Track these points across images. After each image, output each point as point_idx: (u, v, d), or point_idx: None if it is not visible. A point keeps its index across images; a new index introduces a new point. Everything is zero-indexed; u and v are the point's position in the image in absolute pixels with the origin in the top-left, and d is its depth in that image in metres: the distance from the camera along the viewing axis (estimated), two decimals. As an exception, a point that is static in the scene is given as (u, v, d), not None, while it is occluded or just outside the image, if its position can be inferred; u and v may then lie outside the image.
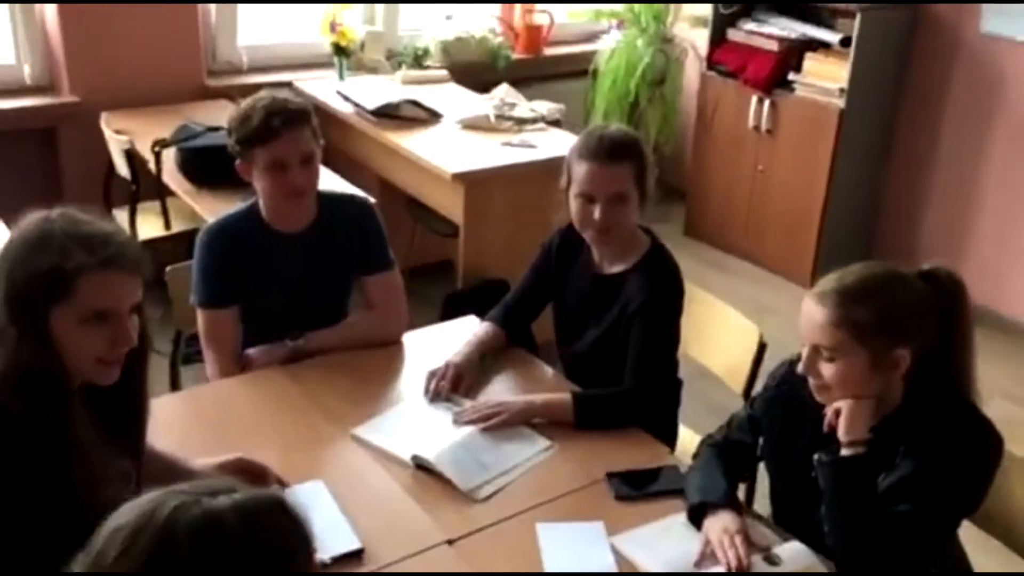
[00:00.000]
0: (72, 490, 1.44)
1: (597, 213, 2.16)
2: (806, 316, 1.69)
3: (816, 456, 1.71)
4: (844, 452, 1.68)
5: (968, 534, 1.89)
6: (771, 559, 1.69)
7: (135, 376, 1.60)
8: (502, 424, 2.06)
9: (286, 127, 2.19)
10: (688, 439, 2.39)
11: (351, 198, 2.54)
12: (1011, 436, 1.88)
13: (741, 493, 2.13)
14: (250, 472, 1.80)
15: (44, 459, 1.44)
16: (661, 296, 2.21)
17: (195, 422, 2.12)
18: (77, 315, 1.47)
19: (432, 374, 2.22)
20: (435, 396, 2.18)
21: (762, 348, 2.35)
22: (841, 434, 1.68)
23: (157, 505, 0.98)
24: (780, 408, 1.86)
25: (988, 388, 1.75)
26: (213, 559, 0.96)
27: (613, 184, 2.15)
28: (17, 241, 1.48)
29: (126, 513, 1.00)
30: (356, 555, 1.70)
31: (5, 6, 3.84)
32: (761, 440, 1.91)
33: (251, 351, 2.31)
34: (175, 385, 2.62)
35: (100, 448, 1.52)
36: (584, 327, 2.33)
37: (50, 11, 3.85)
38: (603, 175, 2.15)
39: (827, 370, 1.68)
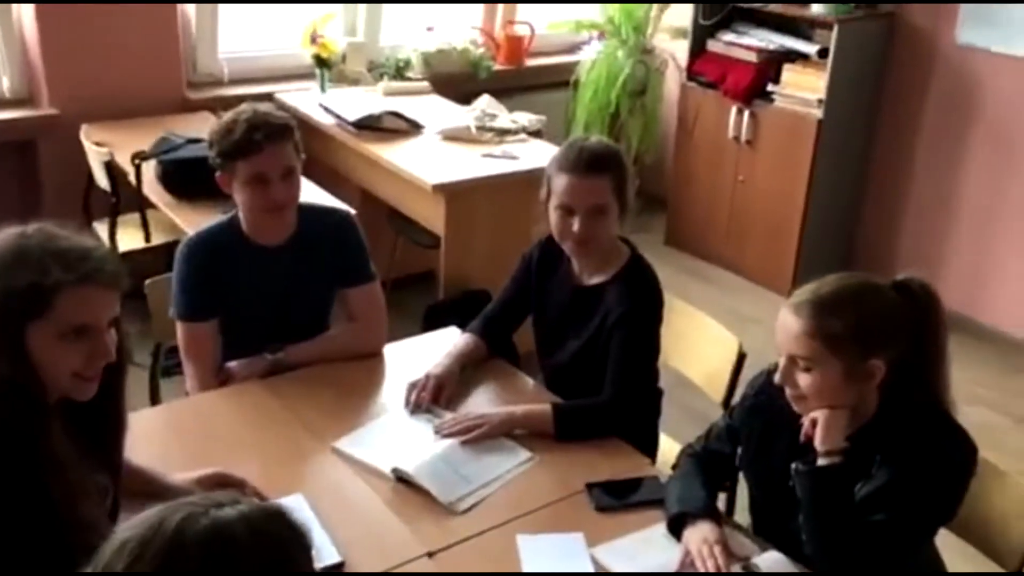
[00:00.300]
0: (50, 505, 1.44)
1: (576, 225, 2.17)
2: (782, 326, 1.71)
3: (793, 465, 1.72)
4: (821, 461, 1.69)
5: (945, 541, 1.90)
6: (749, 568, 1.70)
7: (113, 390, 1.59)
8: (482, 437, 2.07)
9: (268, 141, 2.20)
10: (669, 448, 2.40)
11: (332, 211, 2.54)
12: (989, 442, 1.91)
13: (722, 504, 2.14)
14: (229, 486, 1.79)
15: (21, 474, 1.43)
16: (640, 307, 2.22)
17: (175, 436, 2.12)
18: (55, 331, 1.46)
19: (412, 385, 2.22)
20: (416, 408, 2.18)
21: (741, 358, 2.37)
22: (818, 443, 1.69)
23: (164, 517, 0.99)
24: (758, 417, 1.88)
25: (967, 395, 1.77)
26: (222, 569, 0.97)
27: (592, 196, 2.16)
28: None
29: (133, 526, 1.00)
30: (337, 568, 1.69)
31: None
32: (739, 450, 1.92)
33: (231, 364, 2.31)
34: (155, 398, 2.61)
35: (77, 463, 1.51)
36: (564, 338, 2.34)
37: (29, 23, 3.84)
38: (582, 187, 2.16)
39: (803, 380, 1.69)
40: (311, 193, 3.18)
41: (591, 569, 1.75)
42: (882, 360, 1.66)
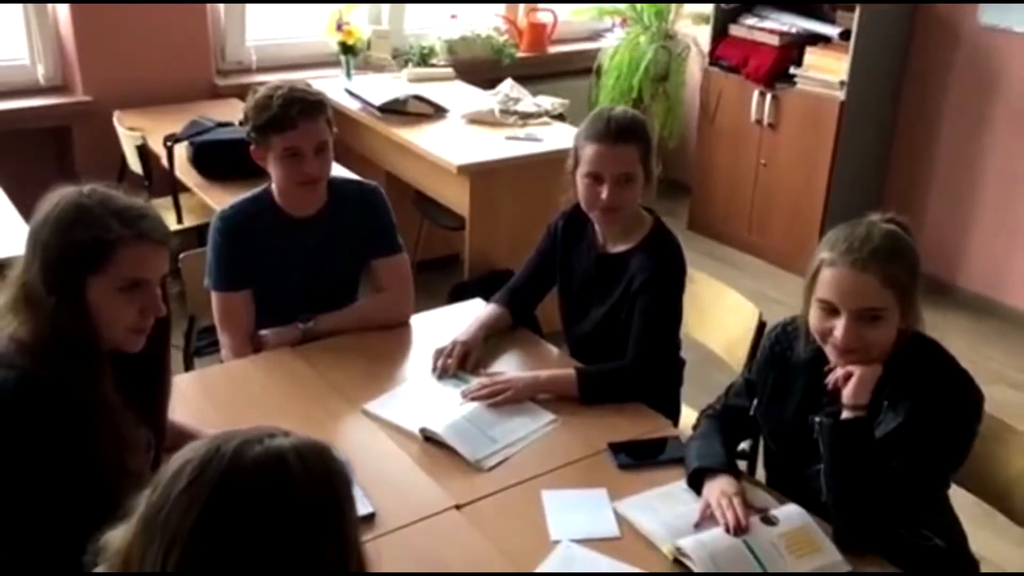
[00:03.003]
0: (98, 454, 1.51)
1: (604, 193, 2.22)
2: (848, 285, 1.69)
3: (817, 419, 1.75)
4: (845, 414, 1.72)
5: (963, 502, 1.94)
6: (768, 520, 1.74)
7: (159, 345, 1.67)
8: (508, 401, 2.12)
9: (303, 116, 2.26)
10: (690, 418, 2.43)
11: (361, 184, 2.60)
12: (1014, 423, 1.94)
13: (743, 465, 2.19)
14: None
15: (74, 424, 1.49)
16: (663, 273, 2.26)
17: (209, 400, 2.18)
18: (113, 284, 1.55)
19: (439, 352, 2.28)
20: (443, 373, 2.24)
21: (761, 326, 2.40)
22: (848, 398, 1.71)
23: (223, 441, 1.04)
24: (773, 368, 1.91)
25: (990, 375, 1.80)
26: (275, 492, 1.02)
27: (620, 164, 2.21)
28: (53, 214, 1.55)
29: (191, 450, 1.05)
30: (368, 519, 1.75)
31: (19, 9, 3.92)
32: (755, 401, 1.96)
33: (264, 332, 2.37)
34: (189, 370, 2.68)
35: (125, 415, 1.58)
36: (589, 306, 2.38)
37: (63, 13, 3.93)
38: (610, 155, 2.21)
39: (873, 333, 1.70)
40: (338, 174, 3.24)
41: (613, 521, 1.79)
42: (918, 299, 1.71)
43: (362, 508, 1.76)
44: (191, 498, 1.02)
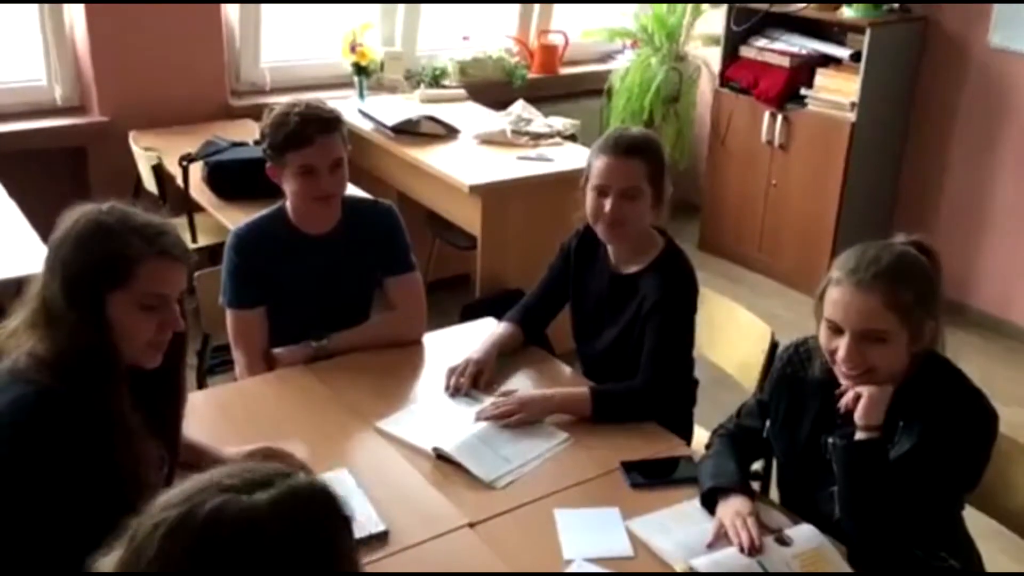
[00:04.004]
0: (117, 470, 1.51)
1: (608, 206, 2.23)
2: (850, 305, 1.69)
3: (830, 440, 1.75)
4: (859, 435, 1.71)
5: (976, 522, 1.93)
6: (782, 540, 1.73)
7: (175, 361, 1.68)
8: (521, 423, 2.12)
9: (319, 133, 2.29)
10: (702, 437, 2.43)
11: (374, 202, 2.62)
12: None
13: (756, 486, 2.18)
14: (277, 460, 1.86)
15: (92, 439, 1.50)
16: (675, 294, 2.27)
17: (224, 417, 2.19)
18: (134, 300, 1.56)
19: (452, 370, 2.28)
20: (455, 392, 2.25)
21: (774, 347, 2.40)
22: (860, 418, 1.71)
23: (201, 498, 1.01)
24: (786, 389, 1.91)
25: (1005, 396, 1.78)
26: (252, 554, 1.00)
27: (624, 178, 2.22)
28: (73, 232, 1.56)
29: (172, 499, 1.02)
30: (381, 537, 1.76)
31: (37, 30, 3.97)
32: (768, 423, 1.95)
33: (277, 350, 2.39)
34: (202, 388, 2.70)
35: (142, 431, 1.59)
36: (601, 327, 2.39)
37: (80, 34, 3.98)
38: (616, 169, 2.22)
39: (875, 355, 1.69)
40: (351, 194, 3.26)
41: (627, 540, 1.79)
42: (934, 322, 1.70)
43: (375, 526, 1.77)
44: (167, 555, 0.99)
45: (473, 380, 2.26)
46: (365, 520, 1.77)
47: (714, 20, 4.94)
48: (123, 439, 1.53)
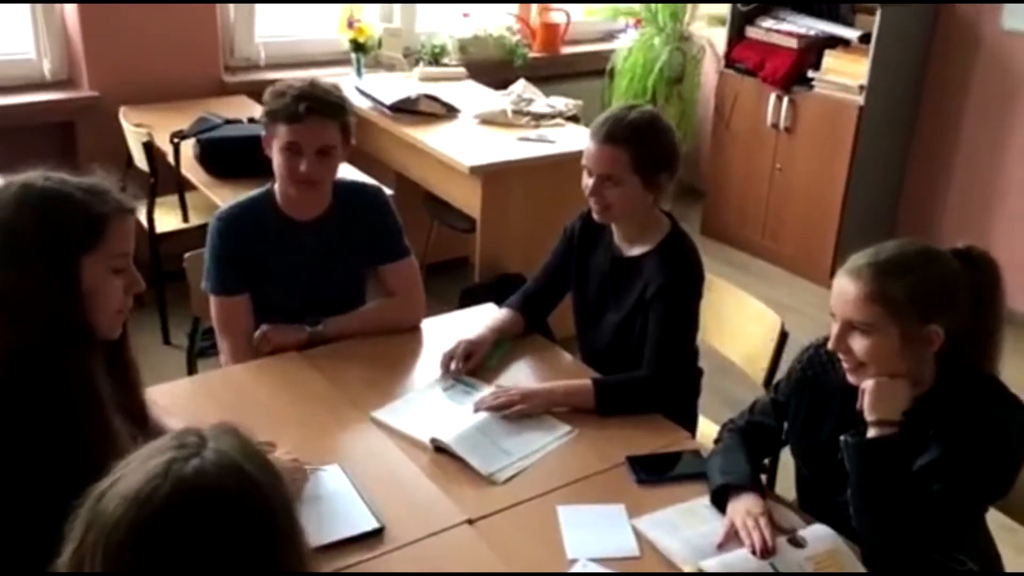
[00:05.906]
0: (85, 444, 1.43)
1: (589, 188, 2.20)
2: (839, 292, 1.67)
3: (842, 438, 1.68)
4: (870, 433, 1.65)
5: (1001, 523, 1.86)
6: (796, 541, 1.66)
7: (122, 330, 1.61)
8: (521, 414, 2.04)
9: (310, 114, 2.19)
10: (707, 430, 2.36)
11: (364, 187, 2.52)
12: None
13: (764, 479, 2.10)
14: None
15: (64, 412, 1.43)
16: (678, 279, 2.19)
17: (212, 405, 2.10)
18: (106, 263, 1.49)
19: (447, 355, 2.21)
20: (446, 372, 2.18)
21: (783, 337, 2.33)
22: (867, 412, 1.65)
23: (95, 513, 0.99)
24: (807, 391, 1.84)
25: (1014, 386, 1.71)
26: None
27: (601, 164, 2.18)
28: (27, 204, 1.46)
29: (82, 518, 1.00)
30: (376, 534, 1.68)
31: (26, 3, 3.86)
32: (786, 425, 1.88)
33: (267, 327, 2.27)
34: (192, 373, 2.62)
35: (112, 405, 1.51)
36: (604, 311, 2.31)
37: (70, 7, 3.87)
38: (596, 154, 2.19)
39: (859, 346, 1.65)
40: (347, 174, 3.17)
41: (633, 539, 1.72)
42: (941, 327, 1.62)
43: (369, 523, 1.69)
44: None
45: (465, 357, 2.19)
46: (358, 518, 1.70)
47: (719, -1, 4.84)
48: (94, 413, 1.45)
